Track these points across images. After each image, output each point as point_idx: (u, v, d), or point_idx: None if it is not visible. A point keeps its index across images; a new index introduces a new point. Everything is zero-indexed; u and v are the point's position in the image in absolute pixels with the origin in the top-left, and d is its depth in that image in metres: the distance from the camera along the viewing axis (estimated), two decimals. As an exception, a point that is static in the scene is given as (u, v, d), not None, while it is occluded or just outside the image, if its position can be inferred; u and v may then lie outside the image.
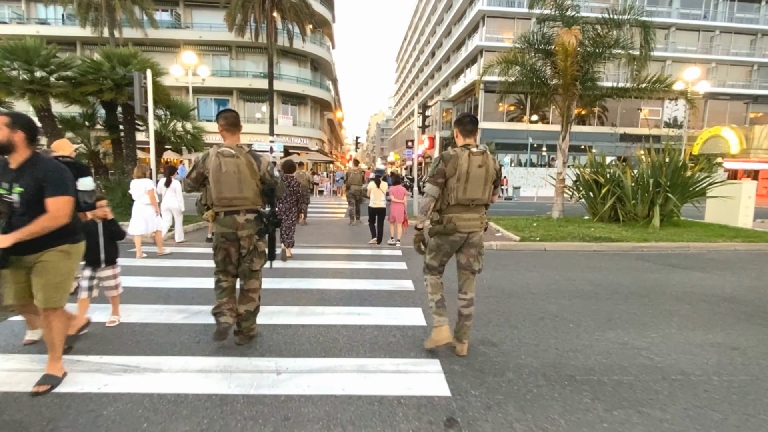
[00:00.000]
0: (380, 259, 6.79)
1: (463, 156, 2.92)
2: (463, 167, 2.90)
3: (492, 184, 3.04)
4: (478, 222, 3.06)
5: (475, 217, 3.04)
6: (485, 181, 2.96)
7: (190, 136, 11.09)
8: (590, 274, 6.00)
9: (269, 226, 3.15)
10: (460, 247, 3.13)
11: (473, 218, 3.03)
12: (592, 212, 11.21)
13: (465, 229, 3.02)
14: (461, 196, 2.94)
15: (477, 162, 2.91)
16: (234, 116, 3.10)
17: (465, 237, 3.06)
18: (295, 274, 5.64)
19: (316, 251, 7.37)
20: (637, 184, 10.07)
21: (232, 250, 3.07)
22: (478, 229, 3.08)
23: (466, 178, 2.91)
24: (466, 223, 3.01)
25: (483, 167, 2.93)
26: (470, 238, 3.08)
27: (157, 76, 9.79)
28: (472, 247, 3.12)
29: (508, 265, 6.45)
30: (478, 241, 3.13)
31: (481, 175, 2.93)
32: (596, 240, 8.50)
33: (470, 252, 3.13)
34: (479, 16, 32.61)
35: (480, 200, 3.00)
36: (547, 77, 10.61)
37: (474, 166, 2.91)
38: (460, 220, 3.00)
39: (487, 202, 3.06)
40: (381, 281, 5.32)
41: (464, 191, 2.93)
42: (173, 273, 5.52)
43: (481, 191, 2.97)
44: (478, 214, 3.06)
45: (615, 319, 4.03)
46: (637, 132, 33.76)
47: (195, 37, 29.86)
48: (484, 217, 3.14)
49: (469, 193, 2.94)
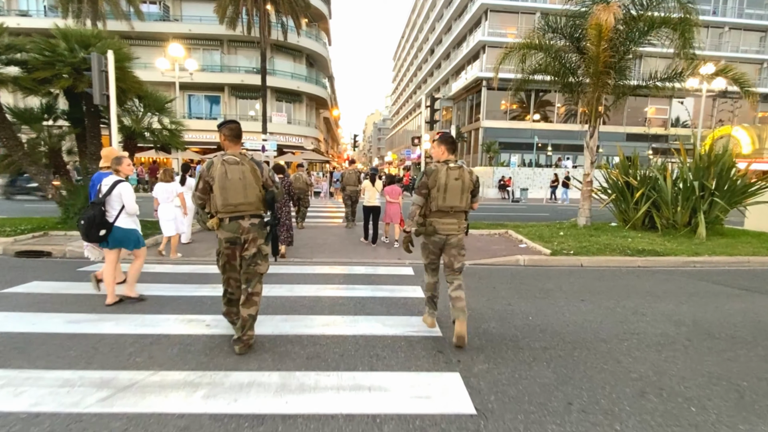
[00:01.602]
0: (388, 281, 5.47)
1: (442, 170, 3.38)
2: (442, 180, 3.36)
3: (470, 194, 3.48)
4: (456, 226, 3.49)
5: (453, 222, 3.47)
6: (462, 191, 3.40)
7: (168, 132, 9.69)
8: (658, 304, 4.72)
9: (272, 228, 3.32)
10: (443, 248, 3.54)
11: (452, 223, 3.47)
12: (622, 219, 9.95)
13: (443, 231, 3.47)
14: (441, 204, 3.40)
15: (454, 175, 3.37)
16: (238, 128, 3.22)
17: (444, 238, 3.49)
18: (280, 307, 4.31)
19: (308, 269, 6.04)
20: (678, 187, 8.81)
21: (237, 254, 3.20)
22: (456, 232, 3.49)
23: (444, 189, 3.37)
24: (444, 227, 3.47)
25: (459, 180, 3.38)
26: (449, 239, 3.49)
27: (125, 61, 8.43)
28: (453, 248, 3.51)
29: (550, 291, 5.15)
30: (457, 243, 3.51)
31: (458, 187, 3.38)
32: (639, 254, 7.23)
33: (451, 252, 3.52)
34: (482, 10, 31.36)
35: (458, 207, 3.43)
36: (574, 65, 9.31)
37: (451, 179, 3.36)
38: (440, 224, 3.46)
39: (465, 209, 3.49)
40: (394, 319, 4.00)
41: (443, 200, 3.39)
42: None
43: (458, 200, 3.41)
44: (457, 220, 3.49)
45: (747, 396, 2.73)
46: (645, 131, 32.69)
47: (184, 31, 28.43)
48: (463, 222, 3.55)
49: (448, 202, 3.39)
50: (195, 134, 29.71)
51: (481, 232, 9.55)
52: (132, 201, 4.16)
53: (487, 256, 7.27)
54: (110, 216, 4.11)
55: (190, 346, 3.26)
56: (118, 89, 8.27)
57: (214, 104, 31.09)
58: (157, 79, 27.14)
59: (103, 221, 4.03)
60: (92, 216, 3.98)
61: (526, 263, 6.87)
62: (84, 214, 4.01)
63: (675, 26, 8.09)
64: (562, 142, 31.87)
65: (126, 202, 4.13)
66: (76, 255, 6.58)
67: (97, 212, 3.99)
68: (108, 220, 4.09)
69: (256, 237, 3.18)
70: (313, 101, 35.09)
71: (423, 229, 3.55)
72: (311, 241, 8.43)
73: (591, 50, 8.57)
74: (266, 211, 3.30)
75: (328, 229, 10.51)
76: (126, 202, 4.13)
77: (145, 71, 27.85)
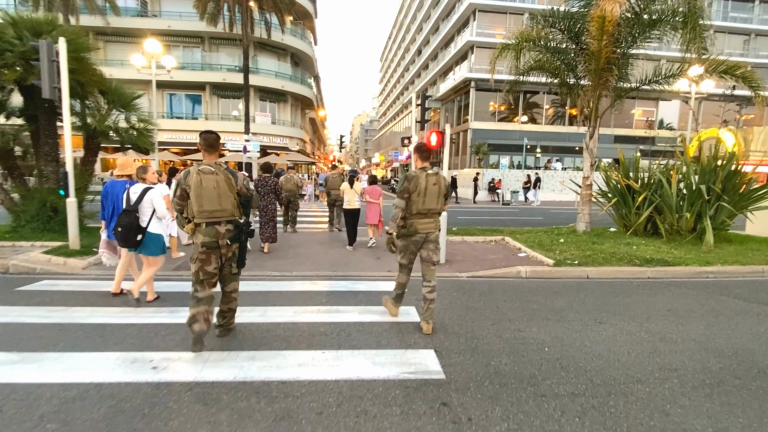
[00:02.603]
0: (378, 299, 4.79)
1: (422, 176, 3.75)
2: (422, 185, 3.72)
3: (443, 197, 3.88)
4: (433, 225, 3.88)
5: (431, 221, 3.86)
6: (438, 195, 3.81)
7: (135, 132, 8.82)
8: (685, 327, 4.14)
9: (242, 235, 3.44)
10: (422, 245, 3.87)
11: (429, 222, 3.85)
12: (622, 224, 9.46)
13: (423, 230, 3.82)
14: (421, 207, 3.75)
15: (432, 181, 3.76)
16: (214, 138, 3.38)
17: (424, 236, 3.84)
18: (249, 339, 3.59)
19: (287, 286, 5.32)
20: (682, 191, 8.34)
21: (213, 258, 3.30)
22: (433, 230, 3.88)
23: (424, 194, 3.73)
24: (424, 227, 3.82)
25: (437, 185, 3.78)
26: (428, 236, 3.86)
27: (84, 51, 7.59)
28: (431, 243, 3.87)
29: (561, 311, 4.53)
30: (434, 239, 3.89)
31: (435, 191, 3.78)
32: (648, 263, 6.70)
33: (429, 247, 3.87)
34: (470, 10, 30.93)
35: (435, 209, 3.84)
36: (573, 61, 8.77)
37: (430, 184, 3.75)
38: (420, 224, 3.80)
39: (440, 210, 3.90)
40: (386, 355, 3.32)
41: (423, 203, 3.75)
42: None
43: (435, 203, 3.81)
44: (433, 220, 3.89)
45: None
46: (632, 133, 32.70)
47: (163, 27, 27.29)
48: (438, 221, 3.96)
49: (427, 205, 3.77)
50: (175, 134, 28.67)
51: (476, 239, 8.93)
52: (163, 206, 4.39)
53: (485, 266, 6.65)
54: (143, 221, 4.31)
55: (124, 402, 2.53)
56: (76, 83, 7.45)
57: (195, 104, 29.99)
58: (134, 76, 26.09)
59: (139, 227, 4.26)
60: (129, 223, 4.20)
61: (528, 275, 6.26)
62: (119, 222, 4.22)
63: (685, 17, 7.57)
64: (550, 144, 31.63)
65: (157, 207, 4.36)
66: (21, 270, 5.75)
67: (133, 219, 4.23)
68: (142, 225, 4.30)
69: (232, 241, 3.37)
70: (299, 101, 34.22)
71: (404, 230, 3.83)
72: (292, 251, 7.71)
73: (592, 45, 8.03)
74: (241, 216, 3.45)
75: (313, 235, 9.78)
76: (157, 207, 4.36)
77: (122, 69, 26.97)
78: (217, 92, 29.30)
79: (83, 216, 8.41)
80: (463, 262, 6.96)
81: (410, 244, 3.84)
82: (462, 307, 4.64)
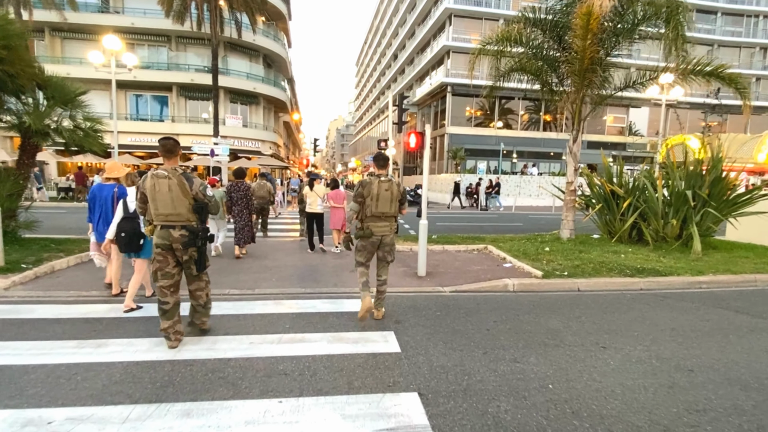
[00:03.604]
0: (352, 322, 4.15)
1: (375, 183, 4.07)
2: (374, 191, 4.06)
3: (398, 202, 4.20)
4: (388, 228, 4.20)
5: (385, 225, 4.17)
6: (391, 200, 4.11)
7: (81, 132, 7.89)
8: (697, 350, 3.68)
9: (199, 240, 3.45)
10: (379, 246, 4.21)
11: (384, 226, 4.17)
12: (606, 230, 9.15)
13: (378, 233, 4.15)
14: (375, 210, 4.08)
15: (384, 187, 4.08)
16: (171, 144, 3.43)
17: (380, 239, 4.17)
18: (188, 383, 2.88)
19: (247, 307, 4.60)
20: (666, 197, 8.08)
21: (169, 258, 3.42)
22: (388, 233, 4.20)
23: (377, 198, 4.06)
24: (379, 230, 4.14)
25: (389, 191, 4.09)
26: (383, 239, 4.19)
27: (15, 39, 6.64)
28: (386, 246, 4.22)
29: (558, 333, 4.00)
30: (389, 242, 4.23)
31: (387, 197, 4.08)
32: (639, 273, 6.34)
33: (385, 249, 4.23)
34: (446, 15, 30.86)
35: (388, 213, 4.15)
36: (556, 61, 8.41)
37: (382, 190, 4.07)
38: (375, 227, 4.13)
39: (395, 214, 4.23)
40: (360, 403, 2.68)
41: (376, 207, 4.08)
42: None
43: (388, 207, 4.12)
44: (388, 223, 4.20)
45: None
46: (603, 139, 33.27)
47: (126, 24, 25.87)
48: (394, 225, 4.27)
49: (380, 208, 4.09)
50: (140, 137, 27.23)
51: (457, 248, 8.40)
52: None
53: (469, 279, 6.10)
54: (142, 227, 4.19)
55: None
56: (5, 74, 6.53)
57: (161, 105, 28.56)
58: (94, 75, 24.57)
59: (140, 232, 4.35)
60: (132, 229, 4.35)
61: (516, 288, 5.75)
62: (122, 228, 4.36)
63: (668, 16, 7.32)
64: (525, 149, 31.81)
65: None
66: None
67: (135, 225, 4.38)
68: (141, 230, 4.33)
69: (186, 246, 3.39)
70: (272, 104, 33.20)
71: (361, 232, 4.13)
72: (258, 263, 6.97)
73: (576, 45, 7.69)
74: (199, 222, 3.47)
75: (282, 244, 9.03)
76: None
77: (81, 67, 25.41)
78: (185, 93, 27.99)
79: (17, 226, 7.44)
80: (446, 275, 6.40)
81: (367, 244, 4.17)
82: (447, 330, 4.05)
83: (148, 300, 4.69)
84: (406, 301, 5.05)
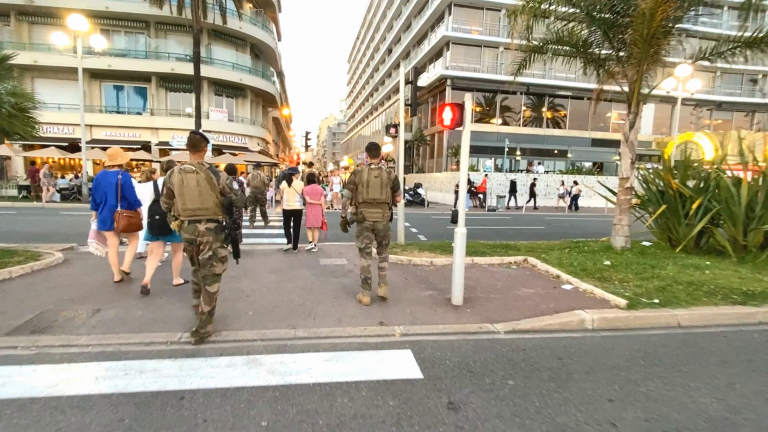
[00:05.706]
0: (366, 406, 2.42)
1: (365, 171, 4.39)
2: (365, 178, 4.36)
3: (390, 189, 4.46)
4: (380, 214, 4.43)
5: (378, 211, 4.42)
6: (381, 186, 4.37)
7: (4, 110, 6.01)
8: None
9: (232, 232, 3.59)
10: (375, 233, 4.49)
11: (377, 212, 4.42)
12: (665, 237, 7.52)
13: (371, 218, 4.41)
14: (366, 197, 4.37)
15: (374, 174, 4.37)
16: (197, 139, 3.49)
17: (372, 224, 4.43)
18: None
19: (208, 377, 2.81)
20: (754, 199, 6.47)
21: (196, 253, 3.50)
22: (381, 219, 4.44)
23: (367, 185, 4.35)
24: (371, 215, 4.41)
25: (378, 178, 4.36)
26: (376, 225, 4.44)
27: None
28: (381, 231, 4.49)
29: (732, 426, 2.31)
30: (383, 228, 4.49)
31: (377, 183, 4.35)
32: (750, 299, 4.70)
33: (380, 235, 4.51)
34: (445, 4, 29.13)
35: (379, 199, 4.39)
36: (615, 25, 6.73)
37: (372, 177, 4.35)
38: (367, 213, 4.41)
39: (387, 201, 4.44)
40: None
41: (367, 193, 4.36)
42: None
43: (379, 193, 4.37)
44: (381, 210, 4.43)
45: None
46: (608, 137, 31.88)
47: (100, 8, 23.62)
48: (387, 212, 4.48)
49: (371, 195, 4.36)
50: (115, 131, 25.14)
51: (489, 260, 6.65)
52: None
53: (525, 311, 4.38)
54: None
55: None
56: None
57: (139, 97, 26.40)
58: (64, 63, 22.41)
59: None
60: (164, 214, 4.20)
61: (596, 327, 4.06)
62: (155, 211, 4.57)
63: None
64: (528, 147, 30.28)
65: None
66: None
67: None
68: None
69: (211, 240, 3.42)
70: (260, 97, 31.18)
71: (355, 216, 4.49)
72: (234, 283, 5.16)
73: (642, 5, 6.01)
74: (224, 215, 3.52)
75: (267, 256, 7.19)
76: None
77: (49, 55, 23.15)
78: (165, 84, 25.86)
79: None
80: (489, 302, 4.67)
81: (363, 229, 4.47)
82: (549, 425, 2.31)
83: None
84: (449, 353, 3.32)
